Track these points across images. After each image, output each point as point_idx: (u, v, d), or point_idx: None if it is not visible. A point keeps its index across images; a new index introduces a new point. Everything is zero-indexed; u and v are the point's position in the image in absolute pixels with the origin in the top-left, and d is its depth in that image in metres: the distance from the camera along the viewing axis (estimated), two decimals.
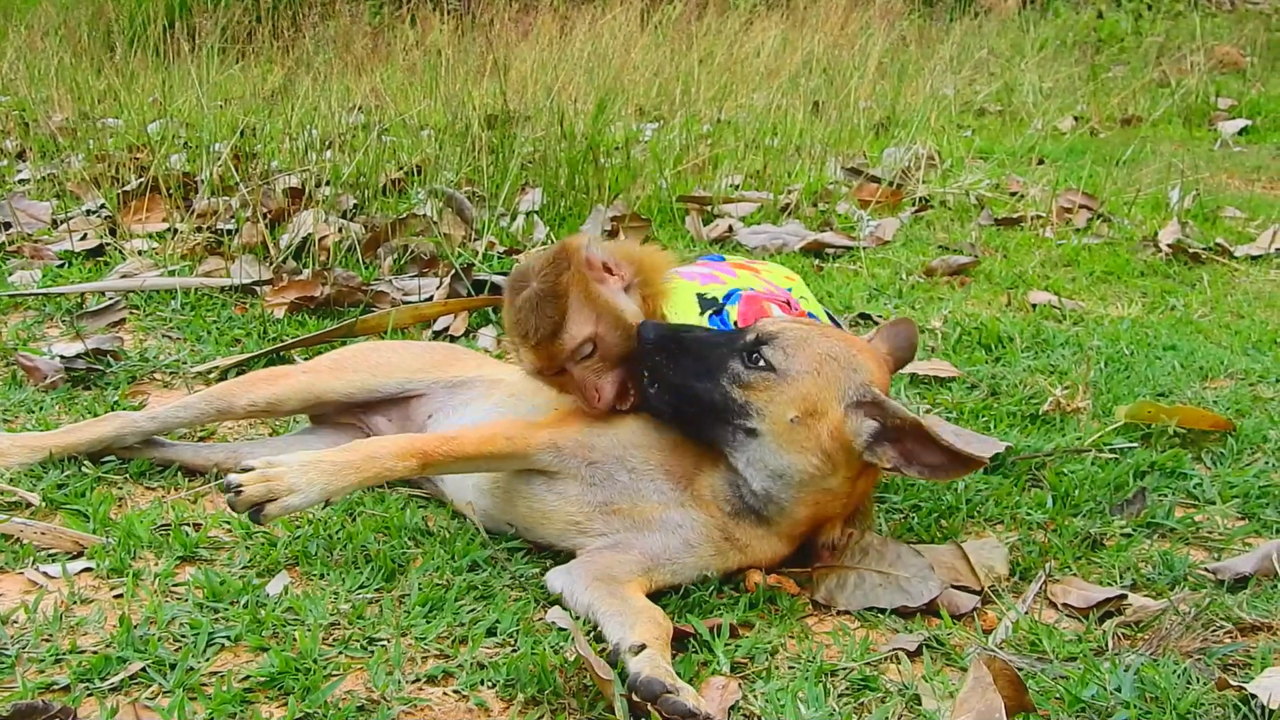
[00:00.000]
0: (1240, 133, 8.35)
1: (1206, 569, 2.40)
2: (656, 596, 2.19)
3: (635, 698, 1.77)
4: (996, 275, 4.67)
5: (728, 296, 2.45)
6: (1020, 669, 1.95)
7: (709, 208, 5.30)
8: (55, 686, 1.83)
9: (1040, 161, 6.80)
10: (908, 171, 6.06)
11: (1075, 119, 8.33)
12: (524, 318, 2.26)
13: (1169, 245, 5.08)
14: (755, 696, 1.92)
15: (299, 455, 2.13)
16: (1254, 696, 1.81)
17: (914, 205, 5.74)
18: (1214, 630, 2.11)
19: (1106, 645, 2.08)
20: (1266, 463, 2.95)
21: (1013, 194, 5.99)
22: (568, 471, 2.29)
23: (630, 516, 2.26)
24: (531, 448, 2.29)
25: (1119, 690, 1.87)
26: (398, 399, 2.68)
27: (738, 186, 5.75)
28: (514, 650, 2.01)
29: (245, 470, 2.08)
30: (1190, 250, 5.04)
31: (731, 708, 1.89)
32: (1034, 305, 4.29)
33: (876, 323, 3.99)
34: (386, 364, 2.70)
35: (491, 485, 2.41)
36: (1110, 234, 5.38)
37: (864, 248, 4.93)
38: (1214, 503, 2.74)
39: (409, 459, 2.18)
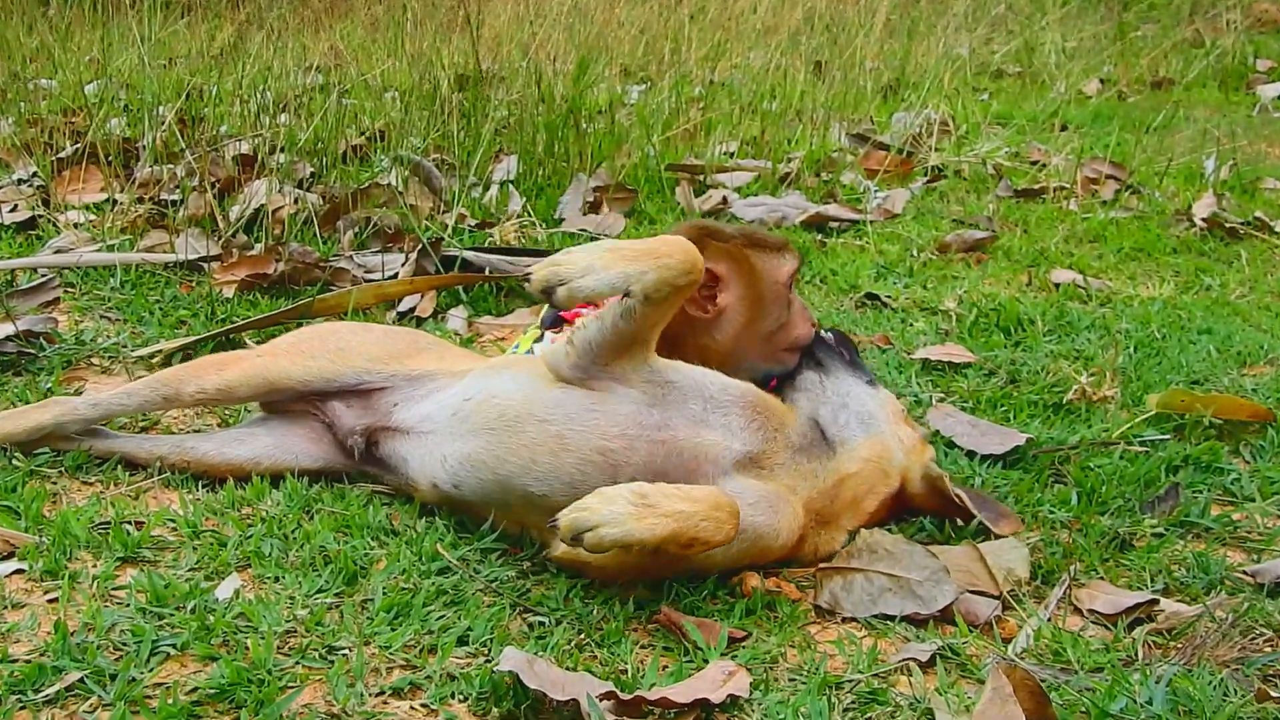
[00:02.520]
0: None
1: (1245, 571, 2.41)
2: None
3: None
4: (1016, 252, 4.67)
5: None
6: (1043, 680, 1.95)
7: (701, 177, 5.30)
8: None
9: (1063, 128, 6.80)
10: (919, 138, 6.06)
11: (1101, 81, 8.35)
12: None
13: (1204, 219, 5.09)
14: (753, 710, 1.92)
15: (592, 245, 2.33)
16: None
17: (926, 175, 5.74)
18: (1253, 638, 2.12)
19: (1136, 654, 2.09)
20: None
21: (1033, 163, 5.99)
22: (635, 385, 2.36)
23: (679, 452, 2.29)
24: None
25: (1150, 703, 1.87)
26: (358, 389, 2.67)
27: (733, 154, 5.75)
28: (487, 660, 2.00)
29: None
30: (1227, 225, 5.05)
31: (730, 706, 1.89)
32: (1057, 285, 4.30)
33: (885, 304, 4.00)
34: (348, 349, 2.69)
35: (484, 423, 2.40)
36: (1140, 207, 5.39)
37: (871, 221, 4.93)
38: (1253, 500, 2.75)
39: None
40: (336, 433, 2.63)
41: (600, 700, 1.84)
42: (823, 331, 2.77)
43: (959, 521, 2.53)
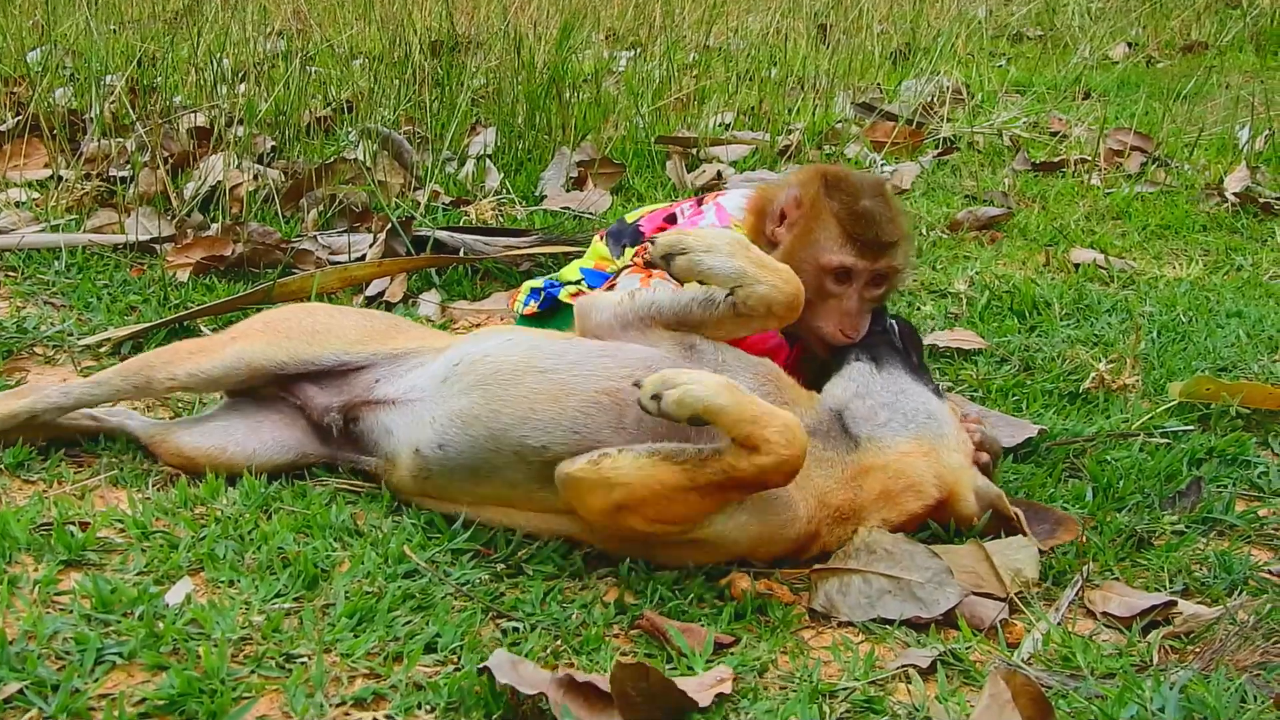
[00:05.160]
0: None
1: (1270, 571, 2.44)
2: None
3: None
4: (1033, 230, 4.70)
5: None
6: (1049, 687, 1.98)
7: (694, 151, 5.31)
8: None
9: (1086, 96, 6.83)
10: (930, 108, 6.09)
11: (1129, 45, 8.37)
12: (879, 215, 2.73)
13: (1236, 194, 5.12)
14: None
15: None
16: None
17: (937, 148, 5.77)
18: (1275, 641, 2.14)
19: (1151, 660, 2.12)
20: None
21: (1054, 134, 6.02)
22: (660, 346, 2.45)
23: None
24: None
25: (1162, 710, 1.90)
26: (336, 370, 2.70)
27: (728, 126, 5.77)
28: (457, 669, 2.02)
29: None
30: (1261, 200, 5.08)
31: (714, 714, 1.93)
32: (1076, 265, 4.33)
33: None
34: (325, 330, 2.73)
35: (477, 380, 2.45)
36: (1167, 181, 5.42)
37: None
38: None
39: None
40: (310, 414, 2.66)
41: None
42: (890, 320, 2.77)
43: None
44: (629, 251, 3.01)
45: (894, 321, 2.78)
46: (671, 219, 3.04)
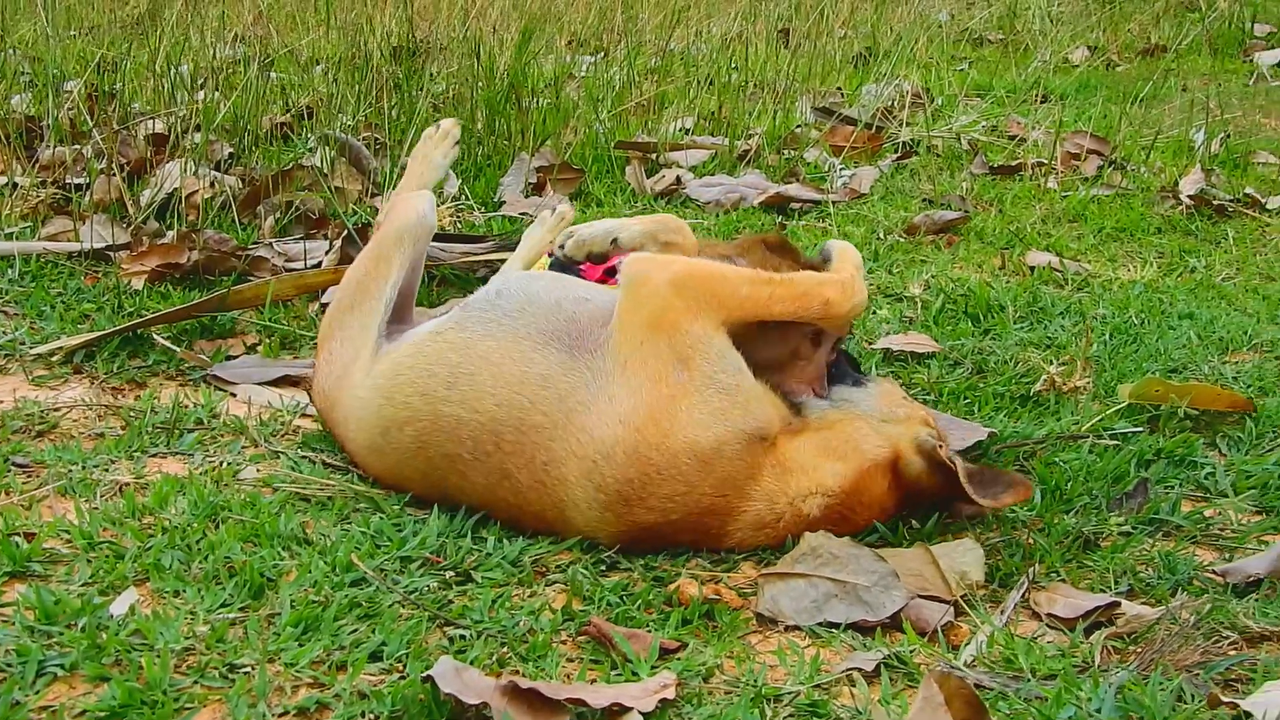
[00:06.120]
0: (1279, 64, 8.44)
1: (1214, 571, 2.45)
2: None
3: None
4: (989, 233, 4.72)
5: None
6: (989, 689, 2.00)
7: (654, 156, 5.32)
8: None
9: (1045, 99, 6.86)
10: (890, 112, 6.11)
11: (1089, 49, 8.41)
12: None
13: (1191, 196, 5.15)
14: None
15: None
16: (1249, 715, 1.86)
17: (896, 151, 5.79)
18: (1216, 641, 2.16)
19: (1093, 660, 2.13)
20: None
21: (1012, 138, 6.05)
22: None
23: None
24: None
25: (1099, 711, 1.91)
26: None
27: (689, 131, 5.78)
28: (402, 677, 2.02)
29: None
30: (1215, 202, 5.12)
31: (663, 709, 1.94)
32: (1032, 268, 4.35)
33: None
34: None
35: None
36: (1124, 184, 5.45)
37: (835, 202, 4.97)
38: (1227, 495, 2.80)
39: None
40: None
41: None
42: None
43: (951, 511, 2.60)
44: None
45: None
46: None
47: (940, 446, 2.52)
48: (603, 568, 2.42)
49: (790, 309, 2.54)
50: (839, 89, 6.74)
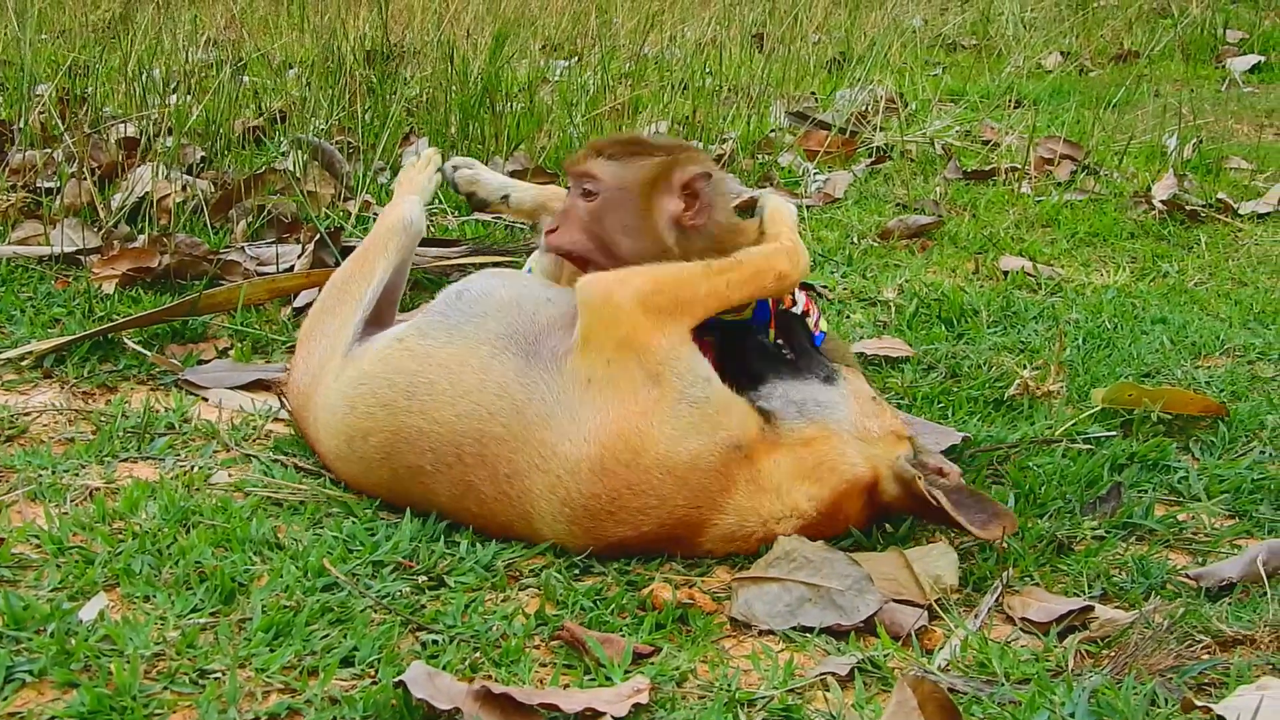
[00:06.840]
0: (1251, 70, 8.48)
1: (1188, 575, 2.46)
2: None
3: None
4: (963, 238, 4.73)
5: None
6: (963, 693, 2.00)
7: None
8: None
9: (1018, 104, 6.89)
10: (864, 117, 6.12)
11: (1063, 55, 8.45)
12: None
13: (1163, 201, 5.18)
14: None
15: None
16: (1222, 719, 1.87)
17: (870, 156, 5.80)
18: (1189, 645, 2.17)
19: (1067, 664, 2.13)
20: (1262, 452, 3.03)
21: (985, 143, 6.07)
22: None
23: None
24: None
25: (1073, 716, 1.92)
26: None
27: (662, 135, 5.77)
28: (374, 682, 2.01)
29: None
30: (1188, 207, 5.14)
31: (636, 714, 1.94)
32: (1005, 273, 4.37)
33: (820, 294, 4.04)
34: None
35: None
36: (1097, 189, 5.48)
37: (809, 206, 4.97)
38: (1200, 499, 2.81)
39: None
40: None
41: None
42: (761, 338, 2.69)
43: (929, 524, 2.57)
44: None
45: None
46: None
47: (918, 479, 2.47)
48: (576, 572, 2.41)
49: (749, 292, 2.54)
50: (813, 94, 6.75)
